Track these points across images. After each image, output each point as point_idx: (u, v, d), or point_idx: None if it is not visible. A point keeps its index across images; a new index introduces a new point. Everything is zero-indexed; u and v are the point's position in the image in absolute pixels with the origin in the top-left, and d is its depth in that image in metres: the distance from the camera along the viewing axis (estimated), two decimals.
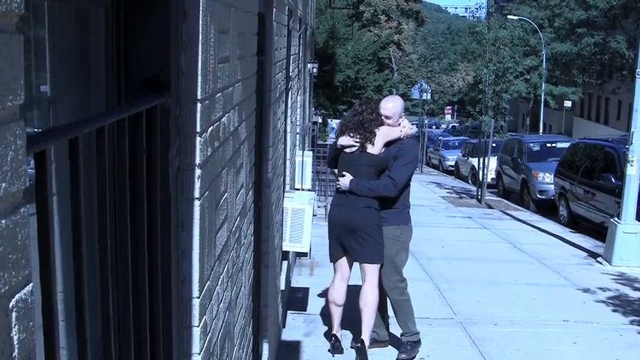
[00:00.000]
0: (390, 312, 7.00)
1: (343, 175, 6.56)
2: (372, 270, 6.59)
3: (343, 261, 6.77)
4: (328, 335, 7.00)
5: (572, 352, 7.30)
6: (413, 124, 7.01)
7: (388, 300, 6.87)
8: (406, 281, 6.82)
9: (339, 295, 6.82)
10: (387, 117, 6.59)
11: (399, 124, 6.66)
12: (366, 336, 6.55)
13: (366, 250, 6.53)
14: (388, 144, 6.58)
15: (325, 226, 6.98)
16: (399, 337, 6.94)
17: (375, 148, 6.52)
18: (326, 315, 7.80)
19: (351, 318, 7.02)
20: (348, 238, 6.56)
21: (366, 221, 6.49)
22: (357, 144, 6.53)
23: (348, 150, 6.61)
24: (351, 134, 6.57)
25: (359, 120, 6.55)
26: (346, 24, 39.97)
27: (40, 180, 1.25)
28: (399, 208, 6.66)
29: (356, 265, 6.79)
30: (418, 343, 6.90)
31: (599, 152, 15.50)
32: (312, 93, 19.68)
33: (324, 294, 8.38)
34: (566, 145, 19.48)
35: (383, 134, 6.55)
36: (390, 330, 7.15)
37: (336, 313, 6.85)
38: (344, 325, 6.99)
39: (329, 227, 6.78)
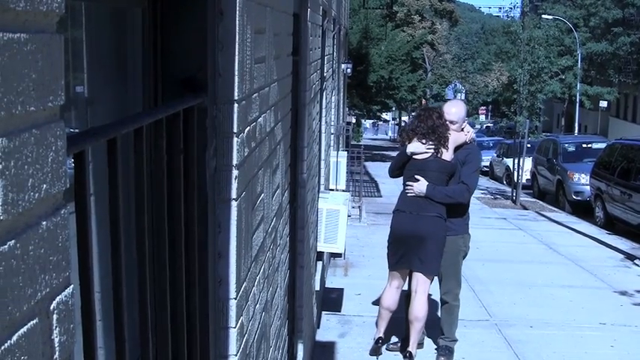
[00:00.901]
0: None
1: (416, 180, 6.36)
2: (427, 281, 6.50)
3: (402, 271, 6.65)
4: (374, 337, 6.91)
5: (609, 355, 7.21)
6: None
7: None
8: (461, 287, 6.80)
9: (393, 303, 6.74)
10: (451, 122, 6.46)
11: (462, 129, 6.59)
12: (413, 348, 6.52)
13: (428, 261, 6.39)
14: (455, 149, 6.49)
15: (360, 227, 6.94)
16: (437, 339, 6.92)
17: (448, 154, 6.40)
18: (360, 316, 7.79)
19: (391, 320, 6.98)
20: (412, 247, 6.38)
21: (434, 232, 6.35)
22: (432, 150, 6.38)
23: (418, 156, 6.44)
24: (423, 141, 6.40)
25: (431, 125, 6.37)
26: (380, 24, 39.80)
27: (79, 180, 1.25)
28: (465, 217, 6.62)
29: None
30: (453, 350, 6.85)
31: (636, 153, 15.30)
32: (346, 93, 19.65)
33: (359, 294, 8.36)
34: (601, 145, 19.25)
35: (452, 139, 6.43)
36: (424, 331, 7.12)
37: (386, 318, 6.79)
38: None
39: (392, 234, 6.58)
